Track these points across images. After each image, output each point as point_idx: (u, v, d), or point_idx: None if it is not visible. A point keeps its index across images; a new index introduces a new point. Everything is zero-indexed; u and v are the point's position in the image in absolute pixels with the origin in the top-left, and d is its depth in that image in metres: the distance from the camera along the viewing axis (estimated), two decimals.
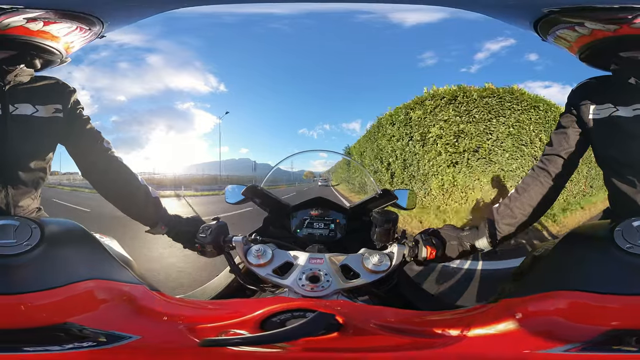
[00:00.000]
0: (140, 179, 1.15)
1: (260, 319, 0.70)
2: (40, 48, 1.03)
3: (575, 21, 0.94)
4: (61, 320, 0.70)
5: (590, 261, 0.75)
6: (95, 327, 0.70)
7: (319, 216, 1.25)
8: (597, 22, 0.92)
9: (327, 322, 0.65)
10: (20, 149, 1.09)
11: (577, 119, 1.08)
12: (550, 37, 1.04)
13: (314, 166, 8.47)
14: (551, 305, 0.72)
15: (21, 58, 1.07)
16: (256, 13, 5.70)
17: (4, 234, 0.77)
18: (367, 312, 0.76)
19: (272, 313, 0.70)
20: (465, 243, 1.01)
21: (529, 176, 1.09)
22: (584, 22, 0.93)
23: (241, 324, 0.70)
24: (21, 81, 1.10)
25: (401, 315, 0.79)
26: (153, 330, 0.72)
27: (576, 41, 1.00)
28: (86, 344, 0.67)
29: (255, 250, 0.94)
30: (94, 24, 1.04)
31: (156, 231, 1.11)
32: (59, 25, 1.00)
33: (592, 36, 0.96)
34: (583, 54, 1.04)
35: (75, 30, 1.04)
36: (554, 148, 1.09)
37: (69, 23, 1.01)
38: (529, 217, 1.04)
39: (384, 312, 0.78)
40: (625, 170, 1.04)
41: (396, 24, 6.08)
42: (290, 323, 0.69)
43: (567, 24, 0.96)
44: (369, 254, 0.93)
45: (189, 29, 5.88)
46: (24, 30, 0.97)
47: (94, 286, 0.75)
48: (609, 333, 0.67)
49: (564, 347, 0.66)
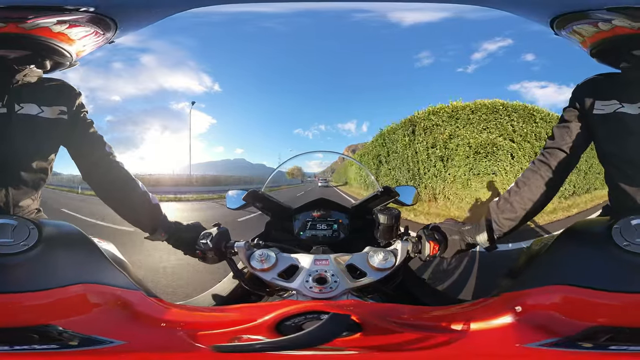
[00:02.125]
0: (141, 185, 1.14)
1: (274, 323, 0.70)
2: (55, 50, 1.03)
3: (592, 19, 0.94)
4: (45, 322, 0.70)
5: (588, 257, 0.77)
6: (78, 330, 0.70)
7: (322, 217, 1.25)
8: (618, 19, 0.91)
9: (346, 323, 0.65)
10: (23, 148, 1.09)
11: (581, 114, 1.07)
12: (564, 32, 1.04)
13: (310, 167, 8.45)
14: (550, 299, 0.74)
15: (32, 58, 1.06)
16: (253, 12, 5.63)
17: (2, 233, 0.77)
18: (381, 311, 0.76)
19: (285, 317, 0.70)
20: (467, 237, 1.02)
21: (530, 170, 1.08)
22: (599, 21, 0.93)
23: (253, 329, 0.70)
24: (29, 81, 1.09)
25: (413, 311, 0.80)
26: (142, 336, 0.71)
27: (592, 36, 1.00)
28: (55, 346, 0.67)
29: (259, 254, 0.93)
30: (109, 28, 1.05)
31: (155, 237, 1.10)
32: (79, 29, 1.00)
33: (604, 33, 0.96)
34: (595, 50, 1.03)
35: (91, 34, 1.04)
36: (556, 142, 1.08)
37: (89, 27, 1.01)
38: (529, 211, 1.03)
39: (397, 310, 0.79)
40: (626, 167, 1.04)
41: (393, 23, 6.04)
42: (306, 326, 0.69)
43: (583, 22, 0.96)
44: (374, 252, 0.94)
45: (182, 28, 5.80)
46: (47, 32, 0.97)
47: (87, 290, 0.75)
48: (604, 329, 0.69)
49: (560, 340, 0.68)
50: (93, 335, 0.69)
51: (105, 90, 6.75)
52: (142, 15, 1.07)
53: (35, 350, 0.66)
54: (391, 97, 7.29)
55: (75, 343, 0.68)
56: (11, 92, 1.07)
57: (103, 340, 0.68)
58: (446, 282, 2.53)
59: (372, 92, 7.44)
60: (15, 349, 0.66)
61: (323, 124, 8.17)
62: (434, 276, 2.51)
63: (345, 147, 8.34)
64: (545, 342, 0.68)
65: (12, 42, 0.98)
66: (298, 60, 7.17)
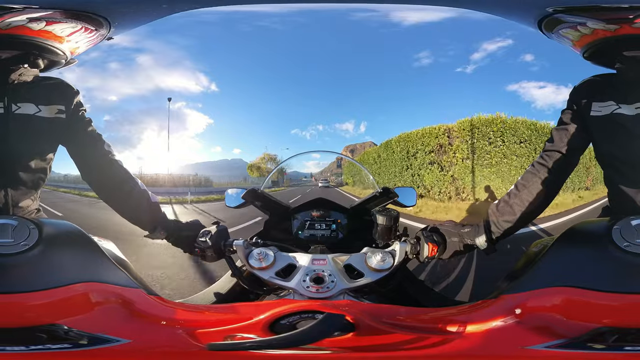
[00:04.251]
0: (140, 183, 1.14)
1: (269, 322, 0.70)
2: (43, 48, 1.03)
3: (579, 20, 0.95)
4: (49, 322, 0.70)
5: (588, 259, 0.77)
6: (83, 329, 0.70)
7: (320, 217, 1.25)
8: (600, 21, 0.92)
9: (339, 322, 0.65)
10: (21, 148, 1.09)
11: (579, 116, 1.08)
12: (554, 35, 1.05)
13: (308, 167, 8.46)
14: (550, 301, 0.74)
15: (24, 58, 1.06)
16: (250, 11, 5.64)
17: (2, 233, 0.77)
18: (376, 311, 0.76)
19: (280, 316, 0.71)
20: (466, 239, 1.02)
21: (529, 172, 1.08)
22: (587, 21, 0.94)
23: (248, 327, 0.70)
24: (25, 80, 1.09)
25: (409, 312, 0.80)
26: (145, 334, 0.72)
27: (579, 40, 1.01)
28: (65, 346, 0.68)
29: (257, 253, 0.94)
30: (100, 25, 1.04)
31: (155, 236, 1.10)
32: (61, 25, 0.99)
33: (594, 35, 0.97)
34: (587, 52, 1.04)
35: (80, 31, 1.03)
36: (555, 144, 1.08)
37: (73, 23, 1.00)
38: (529, 214, 1.03)
39: (392, 310, 0.79)
40: (625, 168, 1.05)
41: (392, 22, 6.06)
42: (300, 325, 0.69)
43: (570, 23, 0.97)
44: (372, 253, 0.94)
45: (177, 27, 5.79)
46: (26, 30, 0.96)
47: (88, 289, 0.76)
48: (605, 330, 0.69)
49: (560, 342, 0.68)
50: (99, 334, 0.69)
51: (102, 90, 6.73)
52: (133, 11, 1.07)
53: (45, 349, 0.67)
54: (391, 96, 7.30)
55: (84, 342, 0.68)
56: (7, 92, 1.07)
57: (109, 338, 0.69)
58: (444, 283, 2.53)
59: (370, 92, 7.45)
60: (20, 349, 0.66)
61: (321, 124, 8.17)
62: (432, 278, 2.51)
63: (344, 147, 8.34)
64: (546, 344, 0.67)
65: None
66: (296, 59, 7.18)
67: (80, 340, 0.69)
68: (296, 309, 0.72)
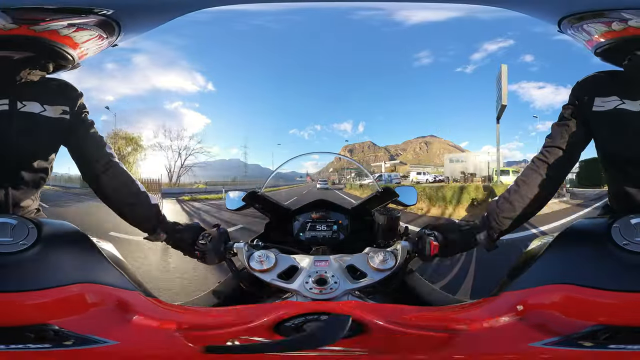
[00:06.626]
0: (140, 185, 1.14)
1: (274, 324, 0.70)
2: (58, 53, 1.04)
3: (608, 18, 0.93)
4: (42, 322, 0.70)
5: (588, 257, 0.77)
6: (74, 330, 0.70)
7: (321, 218, 1.25)
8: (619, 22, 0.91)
9: (347, 325, 0.64)
10: (24, 146, 1.09)
11: (580, 111, 1.06)
12: (570, 31, 1.03)
13: (306, 167, 8.43)
14: (550, 298, 0.74)
15: (36, 60, 1.06)
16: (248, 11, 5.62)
17: (1, 232, 0.77)
18: (383, 311, 0.76)
19: (285, 318, 0.70)
20: (467, 237, 1.02)
21: (529, 168, 1.07)
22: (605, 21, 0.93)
23: (252, 330, 0.70)
24: (32, 80, 1.10)
25: (415, 311, 0.80)
26: (135, 336, 0.72)
27: (600, 35, 0.99)
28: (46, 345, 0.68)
29: (258, 255, 0.93)
30: (113, 32, 1.05)
31: (155, 238, 1.10)
32: (85, 32, 1.01)
33: (621, 33, 0.94)
34: (601, 49, 1.02)
35: (95, 38, 1.05)
36: (555, 140, 1.06)
37: (94, 30, 1.02)
38: (529, 210, 1.03)
39: (398, 310, 0.79)
40: (626, 165, 1.03)
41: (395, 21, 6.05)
42: (306, 327, 0.69)
43: (597, 20, 0.95)
44: (374, 253, 0.94)
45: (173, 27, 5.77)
46: (55, 35, 0.97)
47: (84, 289, 0.76)
48: (605, 328, 0.69)
49: (560, 338, 0.69)
50: (87, 335, 0.69)
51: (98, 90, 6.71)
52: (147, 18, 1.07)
53: (29, 349, 0.67)
54: (389, 96, 7.30)
55: (69, 342, 0.68)
56: (14, 90, 1.07)
57: (96, 340, 0.69)
58: (446, 281, 2.54)
59: (369, 92, 7.44)
60: (10, 347, 0.66)
61: (319, 124, 8.16)
62: (434, 276, 2.51)
63: (342, 147, 8.33)
64: (548, 341, 0.68)
65: (19, 44, 0.99)
66: (293, 58, 7.16)
67: (66, 341, 0.68)
68: (301, 311, 0.71)
